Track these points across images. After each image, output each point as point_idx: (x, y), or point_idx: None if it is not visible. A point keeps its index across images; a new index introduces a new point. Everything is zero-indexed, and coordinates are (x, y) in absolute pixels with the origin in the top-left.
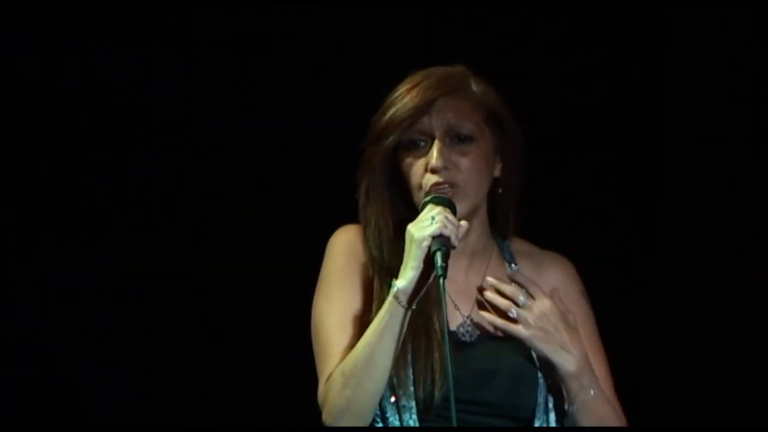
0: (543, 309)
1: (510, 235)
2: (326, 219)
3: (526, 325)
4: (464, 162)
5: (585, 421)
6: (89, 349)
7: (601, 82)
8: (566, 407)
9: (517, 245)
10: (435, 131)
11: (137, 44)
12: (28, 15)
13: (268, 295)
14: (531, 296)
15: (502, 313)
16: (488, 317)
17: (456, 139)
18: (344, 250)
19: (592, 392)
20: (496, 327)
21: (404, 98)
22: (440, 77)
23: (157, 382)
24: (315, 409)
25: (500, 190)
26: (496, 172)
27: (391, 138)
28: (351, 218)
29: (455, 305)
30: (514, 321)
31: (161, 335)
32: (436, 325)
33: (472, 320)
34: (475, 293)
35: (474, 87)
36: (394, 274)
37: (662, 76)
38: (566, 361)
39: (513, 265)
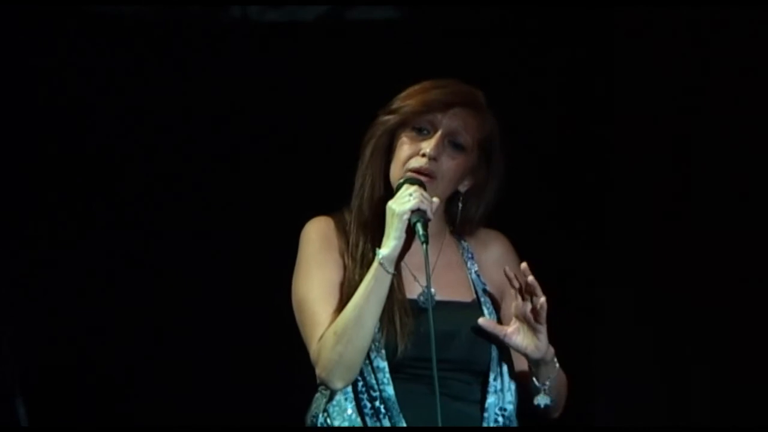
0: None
1: (470, 231)
2: (295, 217)
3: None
4: (449, 164)
5: (554, 391)
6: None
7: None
8: (543, 387)
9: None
10: (440, 128)
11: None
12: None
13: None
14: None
15: (461, 281)
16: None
17: (452, 144)
18: (318, 236)
19: (557, 365)
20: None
21: (430, 91)
22: (464, 90)
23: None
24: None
25: (460, 204)
26: (462, 187)
27: (405, 117)
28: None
29: (414, 277)
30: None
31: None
32: (396, 290)
33: (428, 288)
34: (426, 258)
35: (485, 112)
36: (373, 237)
37: (613, 55)
38: (551, 347)
39: (463, 242)
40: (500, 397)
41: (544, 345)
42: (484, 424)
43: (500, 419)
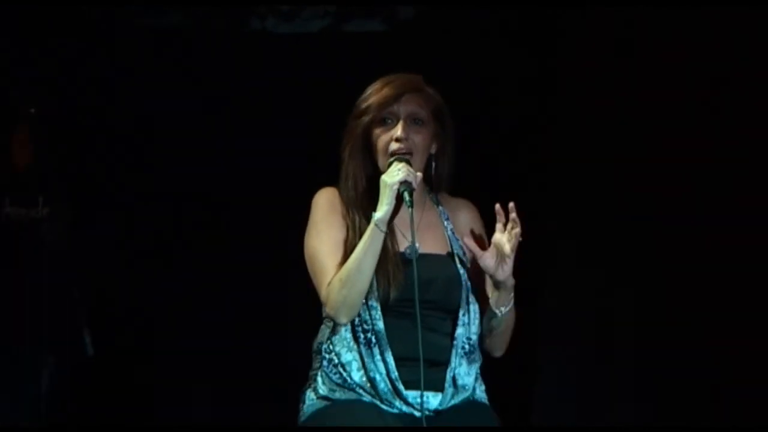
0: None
1: (442, 190)
2: (306, 189)
3: (514, 250)
4: (417, 138)
5: (509, 317)
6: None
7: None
8: (498, 311)
9: (441, 196)
10: (400, 115)
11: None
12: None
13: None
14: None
15: (439, 237)
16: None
17: (413, 122)
18: (326, 202)
19: (512, 298)
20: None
21: (382, 90)
22: (407, 80)
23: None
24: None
25: (434, 164)
26: (432, 150)
27: (371, 116)
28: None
29: (403, 235)
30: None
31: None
32: (389, 246)
33: (414, 244)
34: (411, 222)
35: (428, 90)
36: (363, 210)
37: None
38: (512, 276)
39: (440, 207)
40: (467, 329)
41: (509, 270)
42: (454, 351)
43: (466, 346)
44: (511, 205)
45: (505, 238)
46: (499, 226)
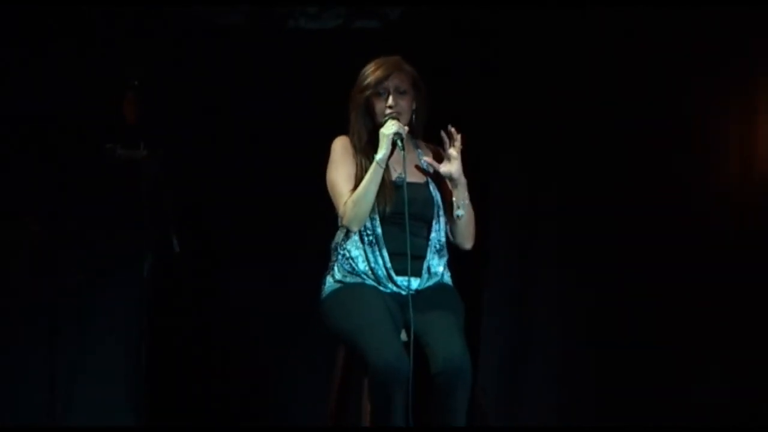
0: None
1: (419, 137)
2: (327, 137)
3: (459, 154)
4: (402, 103)
5: (468, 217)
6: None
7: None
8: (458, 205)
9: (419, 142)
10: (390, 88)
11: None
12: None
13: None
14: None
15: (419, 172)
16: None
17: (399, 93)
18: (341, 146)
19: (467, 194)
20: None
21: (375, 72)
22: (393, 62)
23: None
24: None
25: (413, 117)
26: (413, 107)
27: (369, 91)
28: (339, 133)
29: (393, 168)
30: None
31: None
32: (385, 177)
33: (402, 174)
34: (403, 162)
35: (407, 68)
36: (366, 153)
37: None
38: (463, 175)
39: (419, 150)
40: (438, 234)
41: (457, 167)
42: (429, 249)
43: (437, 245)
44: (449, 126)
45: (452, 148)
46: (446, 146)
